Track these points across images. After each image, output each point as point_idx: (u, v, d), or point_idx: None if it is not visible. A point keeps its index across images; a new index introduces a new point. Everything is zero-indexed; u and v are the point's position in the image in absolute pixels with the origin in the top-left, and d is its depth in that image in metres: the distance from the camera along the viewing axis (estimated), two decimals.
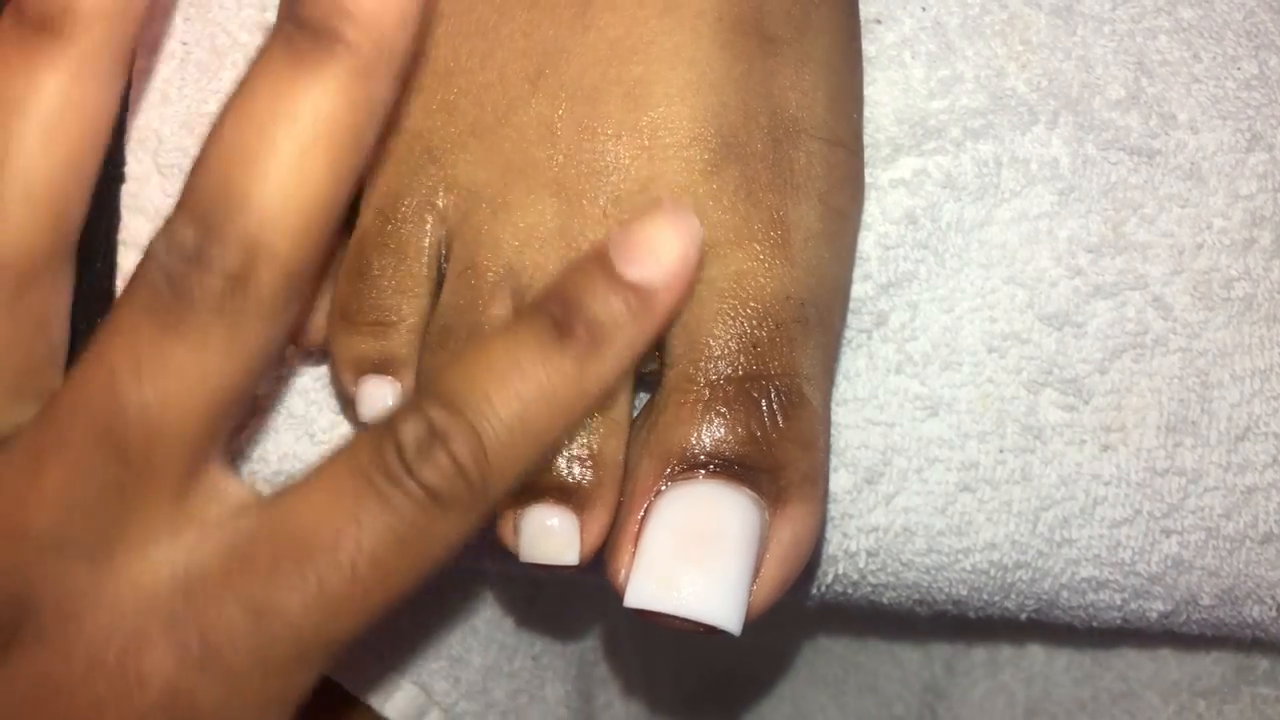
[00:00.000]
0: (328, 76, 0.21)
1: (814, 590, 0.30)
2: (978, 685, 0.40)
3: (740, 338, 0.24)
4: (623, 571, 0.24)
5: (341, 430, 0.29)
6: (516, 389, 0.22)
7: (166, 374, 0.21)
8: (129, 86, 0.29)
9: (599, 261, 0.23)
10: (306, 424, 0.29)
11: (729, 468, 0.24)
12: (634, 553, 0.24)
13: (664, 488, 0.24)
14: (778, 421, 0.24)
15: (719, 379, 0.24)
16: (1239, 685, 0.36)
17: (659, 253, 0.22)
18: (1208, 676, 0.36)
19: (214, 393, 0.22)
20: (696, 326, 0.24)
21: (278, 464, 0.29)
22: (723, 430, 0.24)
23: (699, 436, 0.24)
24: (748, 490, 0.24)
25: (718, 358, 0.24)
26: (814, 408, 0.25)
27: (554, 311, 0.22)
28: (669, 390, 0.25)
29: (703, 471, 0.24)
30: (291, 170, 0.21)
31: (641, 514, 0.24)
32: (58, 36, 0.22)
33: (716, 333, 0.24)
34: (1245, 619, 0.30)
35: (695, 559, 0.23)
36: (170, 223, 0.21)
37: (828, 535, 0.29)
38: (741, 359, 0.24)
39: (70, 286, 0.24)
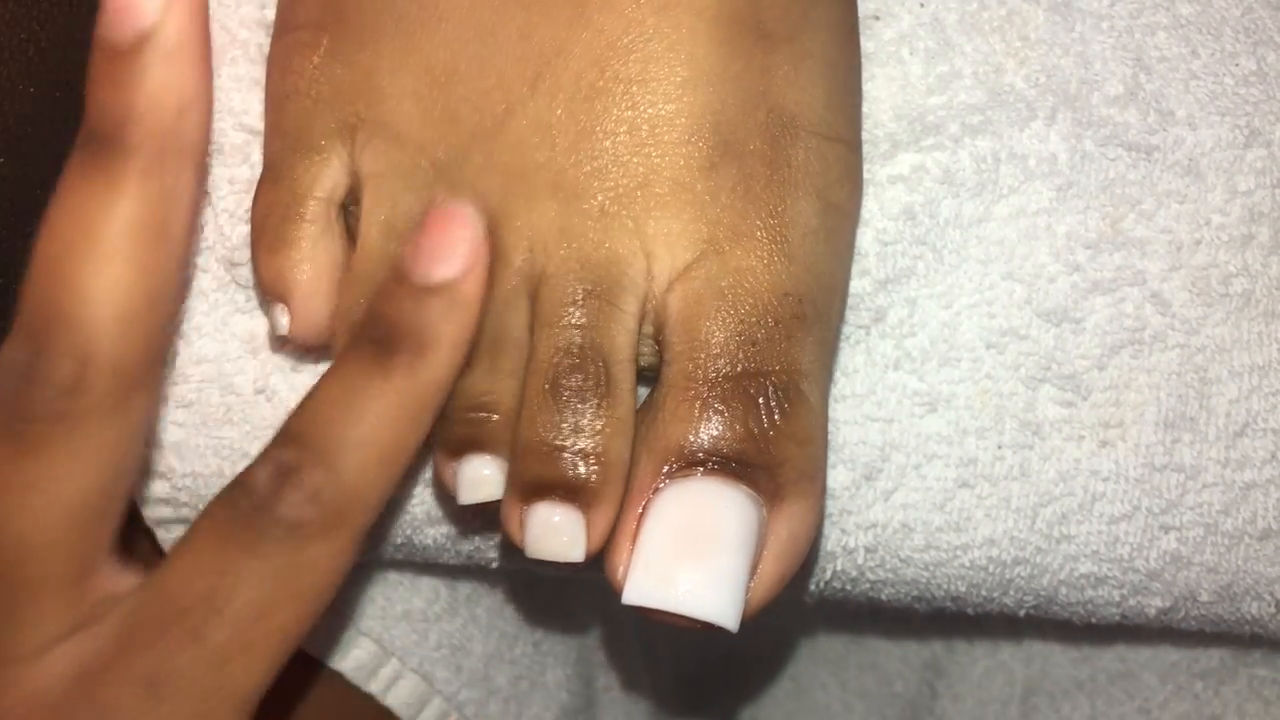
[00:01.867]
0: (118, 181, 0.22)
1: (813, 587, 0.31)
2: (977, 663, 0.40)
3: (738, 335, 0.24)
4: (621, 568, 0.24)
5: None
6: (358, 414, 0.23)
7: (25, 490, 0.23)
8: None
9: (402, 277, 0.24)
10: None
11: (726, 465, 0.24)
12: (632, 550, 0.24)
13: (662, 485, 0.24)
14: (775, 418, 0.24)
15: (717, 376, 0.24)
16: (1236, 667, 0.36)
17: (449, 249, 0.24)
18: (1206, 658, 0.36)
19: (76, 497, 0.23)
20: (694, 323, 0.24)
21: None
22: (720, 427, 0.24)
23: (697, 434, 0.24)
24: (745, 487, 0.24)
25: (715, 355, 0.24)
26: (811, 404, 0.25)
27: (374, 334, 0.24)
28: (667, 387, 0.25)
29: (700, 469, 0.24)
30: (103, 276, 0.23)
31: (640, 511, 0.24)
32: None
33: (714, 330, 0.24)
34: (1244, 615, 0.30)
35: (693, 556, 0.23)
36: (5, 348, 0.23)
37: (826, 532, 0.29)
38: (739, 356, 0.24)
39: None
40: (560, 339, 0.25)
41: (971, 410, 0.29)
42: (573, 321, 0.25)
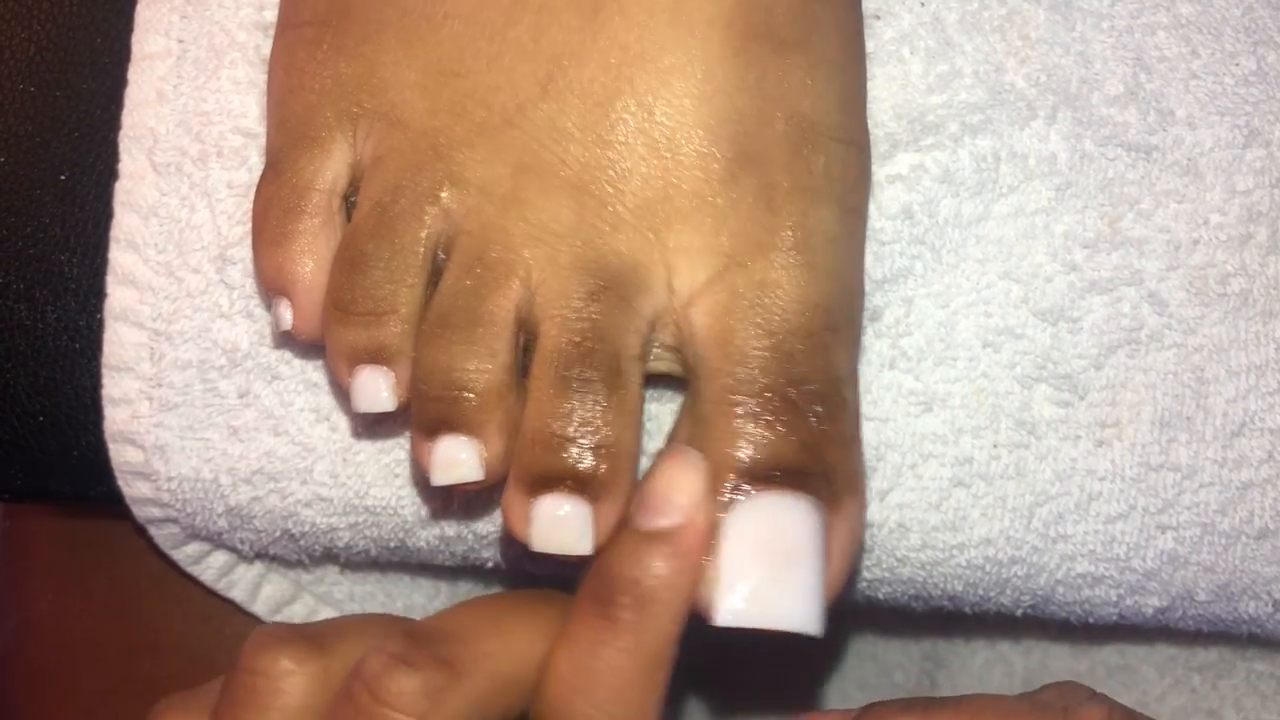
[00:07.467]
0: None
1: None
2: (977, 654, 0.40)
3: (774, 349, 0.24)
4: (706, 593, 0.24)
5: (319, 429, 0.29)
6: (591, 683, 0.24)
7: None
8: None
9: (626, 530, 0.24)
10: (285, 423, 0.29)
11: (791, 477, 0.24)
12: (715, 572, 0.24)
13: (732, 504, 0.24)
14: (823, 427, 0.24)
15: (762, 391, 0.24)
16: (1234, 661, 0.36)
17: (675, 495, 0.24)
18: (1204, 652, 0.36)
19: None
20: (727, 339, 0.24)
21: (257, 463, 0.29)
22: (778, 441, 0.24)
23: (757, 449, 0.24)
24: (811, 496, 0.24)
25: (755, 371, 0.24)
26: (850, 407, 0.25)
27: (598, 592, 0.24)
28: (712, 404, 0.25)
29: (767, 484, 0.24)
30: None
31: (716, 533, 0.24)
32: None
33: (750, 346, 0.24)
34: (1241, 615, 0.30)
35: (777, 571, 0.24)
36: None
37: None
38: (779, 371, 0.24)
39: None
40: (570, 330, 0.24)
41: (967, 409, 0.29)
42: (584, 314, 0.24)
